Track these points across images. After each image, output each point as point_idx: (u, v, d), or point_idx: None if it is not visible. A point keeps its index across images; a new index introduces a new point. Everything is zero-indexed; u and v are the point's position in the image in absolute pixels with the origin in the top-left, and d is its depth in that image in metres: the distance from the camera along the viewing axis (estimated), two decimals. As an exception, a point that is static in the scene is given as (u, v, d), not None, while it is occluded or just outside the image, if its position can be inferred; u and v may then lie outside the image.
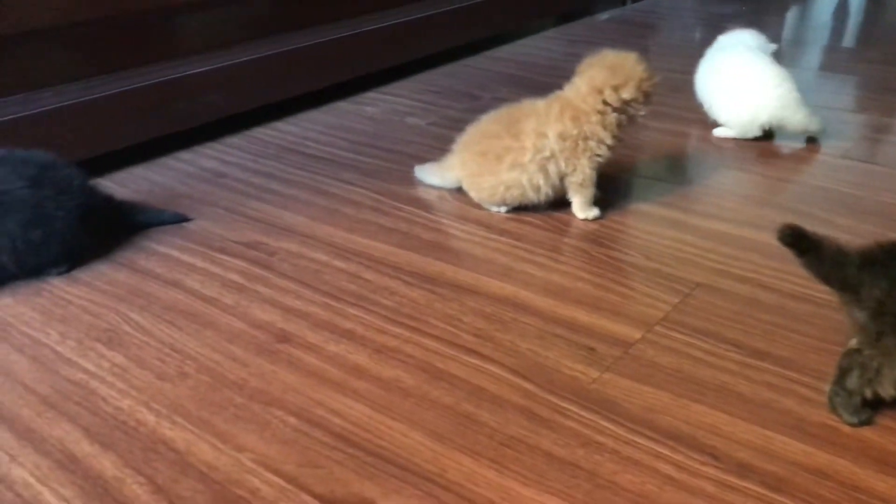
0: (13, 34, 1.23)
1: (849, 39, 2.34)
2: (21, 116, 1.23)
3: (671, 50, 2.11)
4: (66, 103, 1.27)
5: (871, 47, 2.22)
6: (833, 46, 2.22)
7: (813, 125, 1.45)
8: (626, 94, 1.15)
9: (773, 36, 1.63)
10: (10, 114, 1.23)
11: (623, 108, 1.17)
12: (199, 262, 1.09)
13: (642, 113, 1.19)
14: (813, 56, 2.11)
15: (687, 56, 2.04)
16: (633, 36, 2.24)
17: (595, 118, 1.16)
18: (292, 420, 0.81)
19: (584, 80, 1.18)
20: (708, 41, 1.61)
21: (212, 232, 1.17)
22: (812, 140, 1.49)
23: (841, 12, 2.66)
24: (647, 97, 1.18)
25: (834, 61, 2.07)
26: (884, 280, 0.75)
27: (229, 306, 0.99)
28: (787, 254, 0.75)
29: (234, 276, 1.05)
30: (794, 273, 1.04)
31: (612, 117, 1.16)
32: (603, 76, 1.16)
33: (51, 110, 1.26)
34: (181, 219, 1.19)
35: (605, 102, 1.16)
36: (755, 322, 0.96)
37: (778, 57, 1.51)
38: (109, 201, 1.15)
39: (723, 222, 1.19)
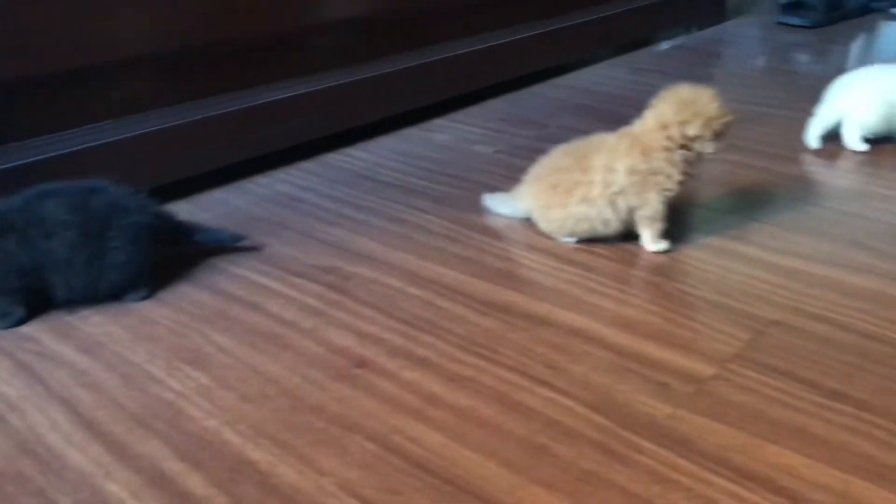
0: (100, 64, 1.28)
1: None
2: (106, 143, 1.28)
3: (739, 79, 2.10)
4: (151, 129, 1.33)
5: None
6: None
7: None
8: (692, 131, 1.15)
9: (839, 65, 1.61)
10: (94, 140, 1.27)
11: (688, 144, 1.17)
12: (277, 286, 1.12)
13: (710, 150, 1.17)
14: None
15: (755, 86, 2.03)
16: (699, 65, 2.23)
17: (662, 154, 1.16)
18: (371, 445, 0.83)
19: (654, 114, 1.18)
20: (777, 70, 1.61)
21: (289, 255, 1.20)
22: None
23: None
24: (716, 135, 1.16)
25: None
26: None
27: (308, 330, 1.02)
28: (863, 292, 0.75)
29: (312, 300, 1.09)
30: (870, 312, 1.03)
31: (679, 154, 1.16)
32: (671, 111, 1.16)
33: (137, 136, 1.31)
34: (238, 238, 1.21)
35: (669, 138, 1.16)
36: (831, 362, 0.95)
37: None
38: (166, 221, 1.14)
39: (795, 258, 1.19)
